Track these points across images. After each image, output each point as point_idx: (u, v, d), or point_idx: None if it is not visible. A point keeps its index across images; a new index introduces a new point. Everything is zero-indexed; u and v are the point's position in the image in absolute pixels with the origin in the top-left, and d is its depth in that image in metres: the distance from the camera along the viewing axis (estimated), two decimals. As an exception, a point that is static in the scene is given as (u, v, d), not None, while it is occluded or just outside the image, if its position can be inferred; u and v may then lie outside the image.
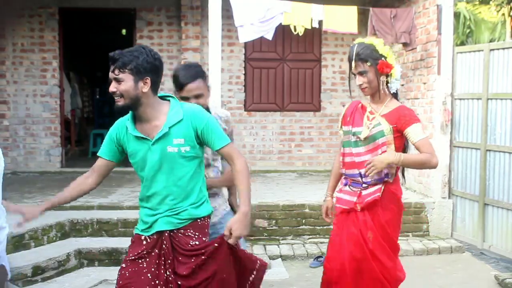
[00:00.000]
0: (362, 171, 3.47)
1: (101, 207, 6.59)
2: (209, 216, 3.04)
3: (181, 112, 2.91)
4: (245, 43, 8.61)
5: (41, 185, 8.06)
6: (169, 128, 2.88)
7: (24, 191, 7.45)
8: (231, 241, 2.81)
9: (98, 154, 3.09)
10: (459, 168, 7.06)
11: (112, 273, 5.38)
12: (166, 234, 2.92)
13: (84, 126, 13.87)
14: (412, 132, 3.50)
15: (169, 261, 2.90)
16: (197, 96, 3.38)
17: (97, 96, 15.72)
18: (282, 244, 6.56)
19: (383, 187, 3.50)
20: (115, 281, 3.04)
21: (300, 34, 6.90)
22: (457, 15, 6.85)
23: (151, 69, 2.86)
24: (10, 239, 5.57)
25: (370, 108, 3.60)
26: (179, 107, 2.94)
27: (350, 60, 3.57)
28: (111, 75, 2.85)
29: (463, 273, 5.85)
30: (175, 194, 2.93)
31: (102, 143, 3.11)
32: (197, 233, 2.94)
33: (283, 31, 7.42)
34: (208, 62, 6.78)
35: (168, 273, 2.88)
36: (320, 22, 6.86)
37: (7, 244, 5.27)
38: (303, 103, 9.76)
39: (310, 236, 6.73)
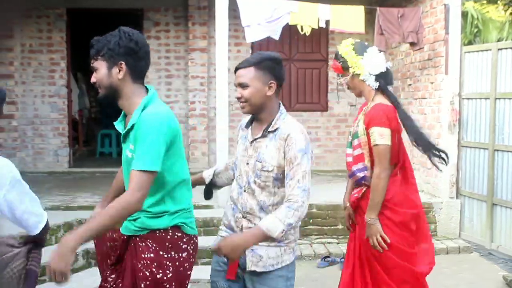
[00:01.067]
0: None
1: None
2: (177, 230, 2.65)
3: (138, 114, 2.55)
4: (252, 43, 8.61)
5: (49, 185, 8.10)
6: (128, 130, 2.60)
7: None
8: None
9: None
10: (467, 168, 7.03)
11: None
12: (133, 238, 2.67)
13: (91, 126, 13.91)
14: (371, 135, 3.42)
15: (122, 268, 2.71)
16: (242, 86, 2.80)
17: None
18: (289, 244, 6.55)
19: (364, 189, 3.49)
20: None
21: (307, 34, 6.90)
22: (464, 15, 6.82)
23: (125, 52, 2.53)
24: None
25: (364, 108, 3.60)
26: (140, 108, 2.57)
27: None
28: (91, 64, 2.64)
29: (470, 273, 5.83)
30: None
31: (109, 143, 3.03)
32: (154, 245, 2.61)
33: (290, 31, 7.42)
34: (215, 62, 6.79)
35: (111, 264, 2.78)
36: (327, 22, 6.85)
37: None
38: (310, 103, 9.75)
39: (318, 236, 6.72)
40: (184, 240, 2.67)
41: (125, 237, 2.70)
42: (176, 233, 2.65)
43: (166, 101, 9.50)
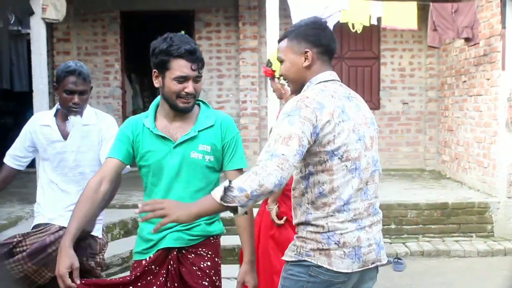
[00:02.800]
0: None
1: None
2: (220, 236, 2.69)
3: (213, 118, 2.60)
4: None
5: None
6: (198, 131, 2.55)
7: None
8: None
9: (108, 155, 2.61)
10: (526, 166, 6.82)
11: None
12: (174, 253, 2.53)
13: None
14: None
15: (175, 285, 2.51)
16: (280, 61, 2.51)
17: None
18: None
19: None
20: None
21: (358, 32, 6.84)
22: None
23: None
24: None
25: None
26: (212, 112, 2.63)
27: None
28: (192, 72, 2.47)
29: (530, 275, 5.66)
30: None
31: None
32: (210, 252, 2.58)
33: (341, 29, 7.37)
34: (266, 62, 6.80)
35: None
36: (379, 19, 6.78)
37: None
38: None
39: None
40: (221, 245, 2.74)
41: (160, 252, 2.56)
42: (220, 239, 2.71)
43: (217, 100, 9.62)
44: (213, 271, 2.56)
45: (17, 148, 3.37)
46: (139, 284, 2.50)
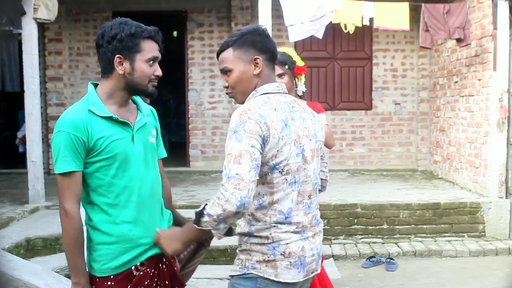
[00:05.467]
0: None
1: (154, 206, 6.69)
2: None
3: (146, 106, 2.57)
4: (295, 42, 8.58)
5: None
6: (147, 115, 2.50)
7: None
8: None
9: (69, 169, 2.25)
10: (517, 166, 6.85)
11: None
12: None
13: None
14: None
15: (166, 283, 2.46)
16: (225, 71, 2.43)
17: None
18: (334, 243, 6.53)
19: None
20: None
21: (351, 32, 6.85)
22: (513, 9, 6.66)
23: None
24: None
25: None
26: (141, 100, 2.57)
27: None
28: (159, 54, 2.45)
29: (522, 275, 5.69)
30: (160, 196, 2.51)
31: None
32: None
33: (333, 29, 7.38)
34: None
35: None
36: (371, 20, 6.79)
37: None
38: (354, 102, 9.68)
39: (362, 236, 6.67)
40: None
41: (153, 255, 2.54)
42: None
43: (210, 101, 9.61)
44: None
45: None
46: None
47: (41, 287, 4.11)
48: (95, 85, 2.45)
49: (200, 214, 2.16)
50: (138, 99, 2.53)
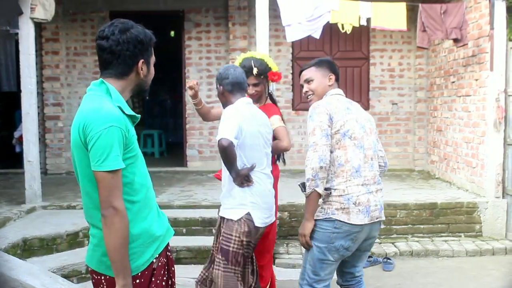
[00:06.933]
0: None
1: (152, 206, 6.68)
2: None
3: None
4: (293, 42, 8.58)
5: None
6: None
7: (78, 190, 7.64)
8: None
9: (121, 166, 2.26)
10: (514, 166, 6.86)
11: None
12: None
13: (134, 127, 14.12)
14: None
15: (172, 269, 2.61)
16: (307, 81, 3.70)
17: (147, 97, 15.95)
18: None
19: None
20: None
21: (348, 32, 6.85)
22: (510, 9, 6.64)
23: None
24: (65, 237, 5.76)
25: None
26: None
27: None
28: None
29: (518, 274, 5.70)
30: None
31: (151, 144, 2.90)
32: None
33: (330, 29, 7.38)
34: (256, 62, 6.78)
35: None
36: (368, 20, 6.79)
37: (63, 241, 5.43)
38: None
39: (359, 236, 6.66)
40: None
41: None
42: None
43: (207, 101, 9.59)
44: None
45: None
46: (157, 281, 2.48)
47: (37, 287, 4.10)
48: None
49: (303, 185, 3.32)
50: None
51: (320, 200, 3.38)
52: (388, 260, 5.97)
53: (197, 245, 5.95)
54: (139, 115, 2.48)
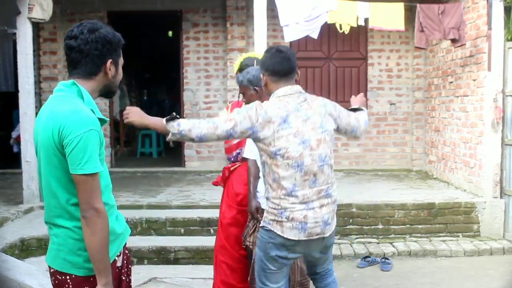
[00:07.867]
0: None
1: (149, 207, 6.69)
2: None
3: None
4: (291, 42, 8.59)
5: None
6: None
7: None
8: None
9: (100, 169, 2.30)
10: (511, 167, 6.86)
11: (160, 271, 5.48)
12: None
13: (132, 127, 14.08)
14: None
15: (130, 266, 2.64)
16: None
17: (145, 98, 15.99)
18: (329, 243, 6.52)
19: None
20: (164, 279, 3.06)
21: (346, 33, 6.86)
22: (507, 9, 6.66)
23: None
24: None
25: None
26: None
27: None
28: None
29: (516, 274, 5.70)
30: None
31: (149, 144, 2.95)
32: None
33: (328, 29, 7.38)
34: (254, 62, 6.79)
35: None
36: (366, 20, 6.80)
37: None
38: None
39: (357, 236, 6.68)
40: None
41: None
42: None
43: (205, 101, 9.61)
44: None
45: None
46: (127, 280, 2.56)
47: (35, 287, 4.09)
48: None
49: (175, 118, 2.97)
50: None
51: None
52: (386, 260, 5.97)
53: (195, 245, 5.94)
54: (108, 119, 2.47)
